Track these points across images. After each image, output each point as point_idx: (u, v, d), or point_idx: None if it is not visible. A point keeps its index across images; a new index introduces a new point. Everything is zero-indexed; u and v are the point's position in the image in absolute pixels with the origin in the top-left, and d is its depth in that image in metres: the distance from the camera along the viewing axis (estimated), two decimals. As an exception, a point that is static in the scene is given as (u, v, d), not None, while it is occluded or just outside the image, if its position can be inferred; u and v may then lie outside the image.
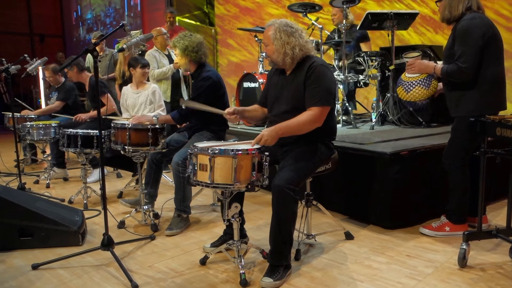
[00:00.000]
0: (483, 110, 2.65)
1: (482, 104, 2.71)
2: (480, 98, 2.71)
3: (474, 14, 2.71)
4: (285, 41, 2.46)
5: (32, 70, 4.74)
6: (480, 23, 2.67)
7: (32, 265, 2.60)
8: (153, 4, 9.54)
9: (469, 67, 2.66)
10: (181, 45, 3.21)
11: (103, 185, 2.59)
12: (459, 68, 2.68)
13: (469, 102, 2.74)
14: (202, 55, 3.25)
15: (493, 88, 2.72)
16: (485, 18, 2.74)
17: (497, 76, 2.74)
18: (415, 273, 2.45)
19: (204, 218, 3.52)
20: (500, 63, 2.76)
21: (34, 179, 4.89)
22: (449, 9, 2.78)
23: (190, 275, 2.50)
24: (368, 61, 4.45)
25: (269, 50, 2.54)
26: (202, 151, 2.28)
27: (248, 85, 4.85)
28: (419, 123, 4.29)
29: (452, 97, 2.84)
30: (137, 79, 3.94)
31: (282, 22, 2.51)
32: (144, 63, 3.88)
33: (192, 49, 3.20)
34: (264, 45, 2.59)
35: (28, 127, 4.43)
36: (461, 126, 2.79)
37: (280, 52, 2.48)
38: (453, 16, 2.78)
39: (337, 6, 4.66)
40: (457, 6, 2.75)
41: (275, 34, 2.48)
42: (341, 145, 3.31)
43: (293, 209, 2.34)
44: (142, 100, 3.90)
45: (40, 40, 13.11)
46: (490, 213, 3.37)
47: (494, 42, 2.69)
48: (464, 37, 2.67)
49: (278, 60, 2.53)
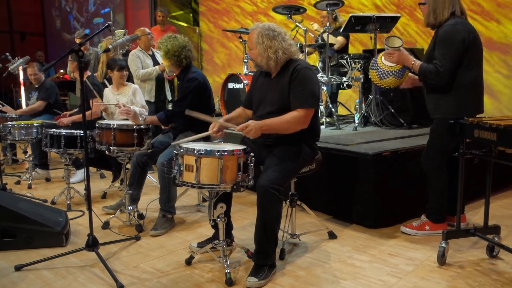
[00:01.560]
0: (460, 113, 2.72)
1: (460, 107, 2.78)
2: (458, 101, 2.79)
3: (456, 20, 2.78)
4: (268, 45, 2.48)
5: (14, 69, 4.67)
6: (462, 29, 2.73)
7: (15, 266, 2.57)
8: (137, 3, 9.48)
9: (446, 71, 2.73)
10: (163, 48, 3.22)
11: (88, 185, 2.58)
12: (437, 70, 2.74)
13: (447, 104, 2.82)
14: (184, 58, 3.23)
15: (470, 92, 2.80)
16: (467, 23, 2.81)
17: (475, 81, 2.81)
18: (396, 271, 2.51)
19: (189, 218, 3.53)
20: (479, 68, 2.83)
21: (15, 180, 4.82)
22: (434, 15, 2.83)
23: (175, 275, 2.51)
24: (351, 63, 4.53)
25: (253, 54, 2.56)
26: (188, 152, 2.30)
27: (233, 86, 4.88)
28: (400, 124, 4.38)
29: (431, 99, 2.91)
30: (116, 81, 3.95)
31: (264, 26, 2.52)
32: (121, 65, 3.87)
33: (173, 52, 3.19)
34: (249, 49, 2.61)
35: (10, 127, 4.36)
36: (439, 127, 2.87)
37: (263, 56, 2.50)
38: (438, 21, 2.83)
39: (321, 9, 4.73)
40: (442, 12, 2.80)
41: (257, 38, 2.50)
42: (324, 146, 3.36)
43: (278, 209, 2.37)
44: (124, 102, 3.89)
45: (20, 38, 12.86)
46: (469, 212, 3.47)
47: (473, 48, 2.76)
48: (445, 42, 2.75)
49: (262, 64, 2.55)
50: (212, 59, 8.99)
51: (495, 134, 2.20)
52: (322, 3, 4.55)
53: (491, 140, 2.24)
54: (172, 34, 3.31)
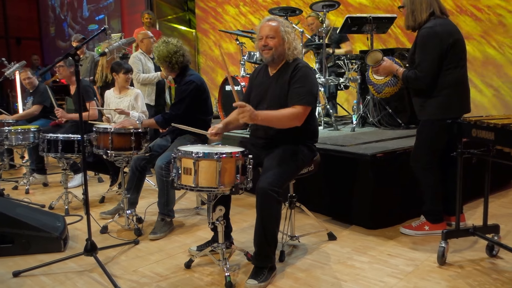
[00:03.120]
0: (445, 113, 2.73)
1: (444, 108, 2.78)
2: (442, 101, 2.78)
3: (435, 21, 2.76)
4: (292, 37, 2.55)
5: (10, 74, 4.65)
6: (440, 31, 2.72)
7: (13, 273, 2.55)
8: (133, 6, 9.47)
9: (425, 76, 2.74)
10: (155, 53, 3.27)
11: (86, 190, 2.57)
12: (416, 76, 2.77)
13: (431, 106, 2.82)
14: (176, 63, 3.23)
15: (454, 91, 2.79)
16: (448, 24, 2.79)
17: (458, 80, 2.80)
18: (396, 271, 2.51)
19: (188, 221, 3.52)
20: (462, 67, 2.81)
21: (13, 185, 4.79)
22: (413, 17, 2.83)
23: (175, 278, 2.50)
24: (348, 64, 4.53)
25: (275, 43, 2.52)
26: (186, 155, 2.29)
27: (230, 88, 4.87)
28: (398, 124, 4.39)
29: (416, 101, 2.93)
30: (120, 84, 3.92)
31: (283, 20, 2.60)
32: (127, 68, 3.86)
33: (164, 58, 3.21)
34: (267, 38, 2.53)
35: (6, 132, 4.34)
36: (425, 128, 2.89)
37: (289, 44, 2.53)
38: (417, 23, 2.83)
39: (317, 10, 4.74)
40: (420, 13, 2.79)
41: (284, 28, 2.53)
42: (323, 147, 3.36)
43: (277, 211, 2.37)
44: (125, 105, 3.87)
45: (16, 43, 12.83)
46: (467, 211, 3.47)
47: (454, 48, 2.75)
48: (423, 46, 2.75)
49: (280, 53, 2.54)
50: (208, 61, 9.00)
51: (493, 133, 2.20)
52: (318, 4, 4.56)
53: (489, 139, 2.24)
54: (166, 39, 3.30)
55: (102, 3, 10.57)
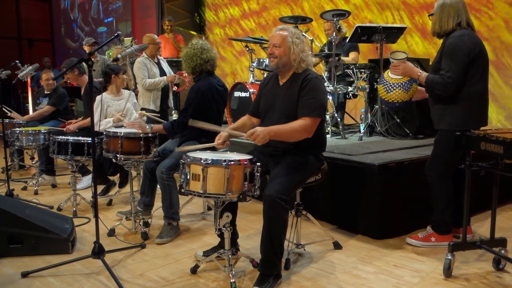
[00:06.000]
0: (465, 125, 2.73)
1: (464, 119, 2.78)
2: (463, 113, 2.79)
3: (463, 31, 2.79)
4: (300, 48, 2.55)
5: (23, 76, 4.72)
6: (468, 41, 2.75)
7: (22, 273, 2.59)
8: (145, 11, 9.57)
9: (453, 83, 2.74)
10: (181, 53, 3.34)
11: (95, 192, 2.61)
12: (444, 81, 2.75)
13: (451, 116, 2.82)
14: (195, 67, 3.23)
15: (475, 104, 2.80)
16: (474, 35, 2.82)
17: (481, 93, 2.82)
18: (401, 282, 2.50)
19: (194, 226, 3.54)
20: (485, 80, 2.84)
21: (22, 185, 4.85)
22: (440, 24, 2.86)
23: (181, 283, 2.52)
24: (357, 73, 4.54)
25: (278, 51, 2.55)
26: (195, 161, 2.32)
27: (239, 95, 4.91)
28: (406, 134, 4.38)
29: (436, 110, 2.92)
30: (119, 86, 4.01)
31: (295, 31, 2.61)
32: (124, 69, 4.01)
33: (184, 60, 3.25)
34: (274, 46, 2.57)
35: (17, 133, 4.40)
36: (443, 139, 2.88)
37: (296, 54, 2.54)
38: (443, 30, 2.85)
39: (327, 19, 4.76)
40: (447, 21, 2.83)
41: (291, 37, 2.55)
42: (330, 156, 3.37)
43: (284, 219, 2.38)
44: (128, 106, 3.94)
45: (28, 45, 13.00)
46: (474, 224, 3.45)
47: (479, 60, 2.77)
48: (452, 53, 2.76)
49: (283, 63, 2.56)
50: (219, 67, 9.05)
51: (502, 147, 2.20)
52: (328, 13, 4.59)
53: (498, 153, 2.24)
54: (191, 42, 3.32)
55: (111, 6, 10.69)
